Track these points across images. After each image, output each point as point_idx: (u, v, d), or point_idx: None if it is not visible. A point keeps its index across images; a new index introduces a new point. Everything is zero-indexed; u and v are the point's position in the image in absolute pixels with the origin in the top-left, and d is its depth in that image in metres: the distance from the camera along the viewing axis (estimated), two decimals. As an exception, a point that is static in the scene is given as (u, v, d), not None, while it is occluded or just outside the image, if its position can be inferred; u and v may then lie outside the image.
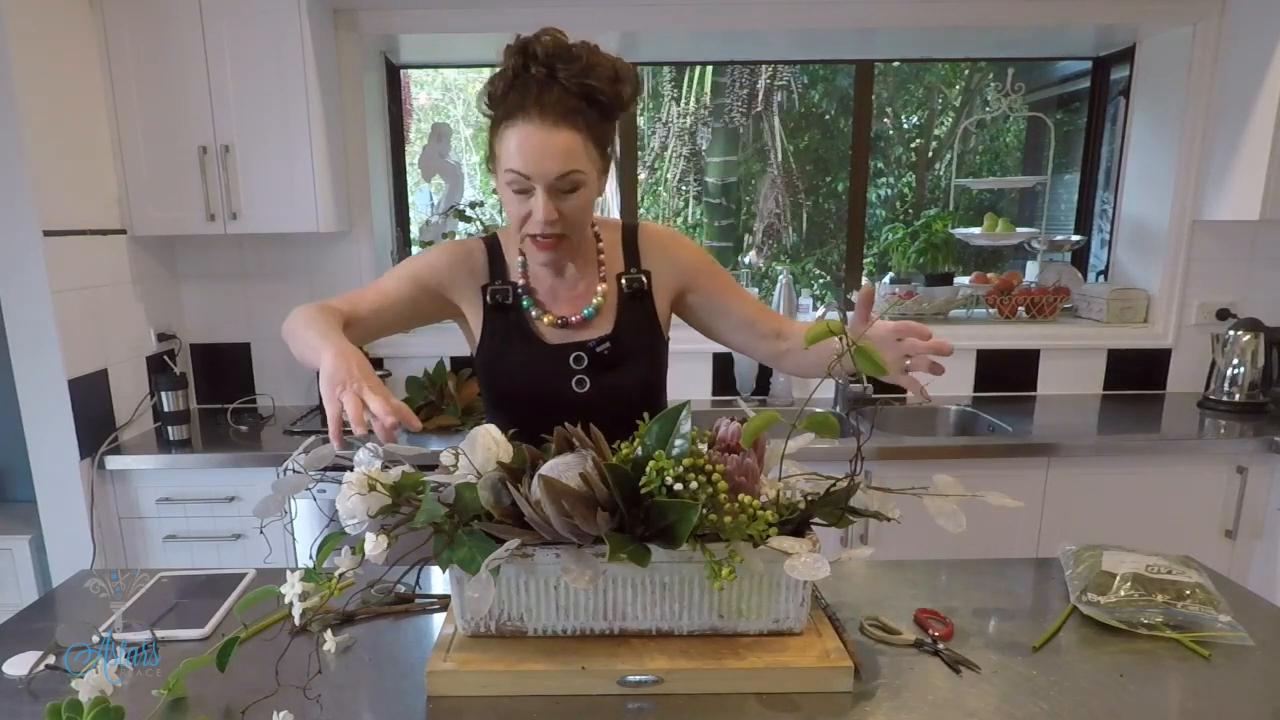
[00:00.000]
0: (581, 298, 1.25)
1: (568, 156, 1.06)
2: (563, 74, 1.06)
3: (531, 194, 1.09)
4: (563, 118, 1.06)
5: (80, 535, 2.07)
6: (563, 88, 1.06)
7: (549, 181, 1.07)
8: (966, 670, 0.96)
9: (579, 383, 1.22)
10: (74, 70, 2.06)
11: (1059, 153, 3.11)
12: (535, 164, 1.06)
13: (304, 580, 0.92)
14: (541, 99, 1.06)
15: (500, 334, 1.25)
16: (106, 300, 2.17)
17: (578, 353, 1.22)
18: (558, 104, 1.06)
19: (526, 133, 1.06)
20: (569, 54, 1.08)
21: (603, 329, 1.23)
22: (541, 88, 1.06)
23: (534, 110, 1.06)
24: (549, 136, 1.05)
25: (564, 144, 1.06)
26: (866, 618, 1.06)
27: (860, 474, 0.98)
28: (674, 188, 5.25)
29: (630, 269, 1.26)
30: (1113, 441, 2.21)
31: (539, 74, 1.07)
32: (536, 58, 1.07)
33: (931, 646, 1.00)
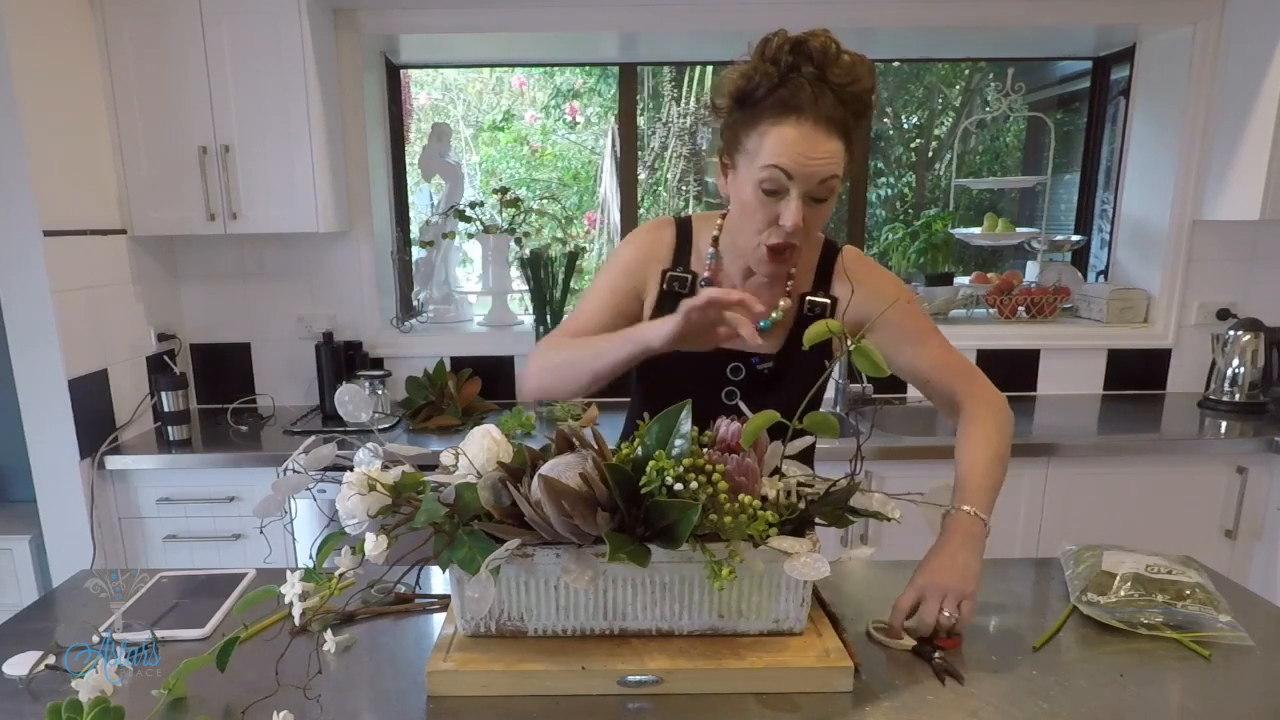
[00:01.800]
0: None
1: (834, 164, 1.04)
2: (834, 79, 1.02)
3: (784, 196, 1.04)
4: (835, 124, 1.03)
5: (80, 535, 2.07)
6: (835, 94, 1.02)
7: (810, 186, 1.04)
8: (966, 670, 0.96)
9: (729, 394, 1.19)
10: (74, 70, 2.06)
11: (1059, 153, 3.11)
12: (805, 167, 1.02)
13: (304, 580, 0.92)
14: (817, 101, 1.02)
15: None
16: (106, 300, 2.17)
17: (736, 364, 1.19)
18: (831, 109, 1.02)
19: (801, 133, 1.02)
20: (839, 59, 1.03)
21: (772, 346, 1.19)
22: (815, 90, 1.02)
23: (809, 112, 1.02)
24: (822, 141, 1.02)
25: (833, 150, 1.03)
26: (873, 622, 1.04)
27: (860, 474, 0.98)
28: (674, 188, 5.25)
29: (818, 291, 1.21)
30: (1113, 441, 2.21)
31: (810, 75, 1.02)
32: (811, 58, 1.03)
33: (930, 654, 0.98)
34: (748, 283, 1.20)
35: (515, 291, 2.75)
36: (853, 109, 1.04)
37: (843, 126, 1.04)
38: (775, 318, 1.19)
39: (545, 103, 5.75)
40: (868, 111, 1.07)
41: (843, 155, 1.05)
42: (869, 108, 1.07)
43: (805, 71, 1.03)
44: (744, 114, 1.07)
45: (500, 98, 5.82)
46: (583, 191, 5.80)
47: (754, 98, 1.05)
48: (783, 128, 1.03)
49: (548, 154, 5.86)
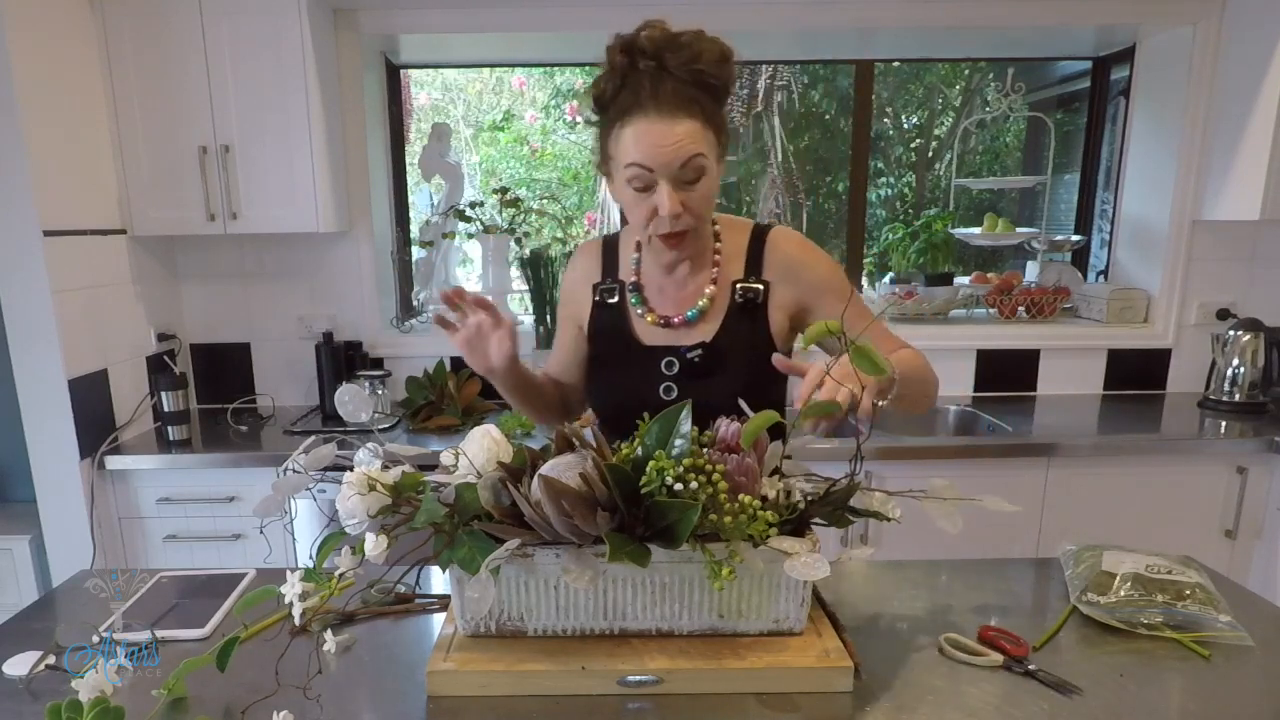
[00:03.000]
0: (688, 299, 1.21)
1: (690, 142, 1.04)
2: (672, 64, 1.04)
3: (654, 189, 1.07)
4: (680, 107, 1.04)
5: (80, 535, 2.07)
6: (675, 78, 1.04)
7: (672, 172, 1.05)
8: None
9: (667, 389, 1.19)
10: (74, 70, 2.06)
11: (1059, 153, 3.11)
12: (658, 156, 1.04)
13: (304, 580, 0.92)
14: (656, 93, 1.04)
15: (603, 332, 1.25)
16: (106, 300, 2.17)
17: (670, 358, 1.19)
18: (673, 95, 1.04)
19: (648, 125, 1.04)
20: (675, 43, 1.05)
21: (704, 335, 1.20)
22: (654, 81, 1.04)
23: (650, 105, 1.04)
24: (669, 127, 1.03)
25: (685, 131, 1.04)
26: (945, 637, 1.02)
27: (860, 474, 0.98)
28: (674, 188, 5.24)
29: (750, 276, 1.21)
30: (1113, 441, 2.21)
31: (648, 68, 1.05)
32: (644, 52, 1.05)
33: (1022, 668, 0.96)
34: (672, 275, 1.22)
35: (515, 291, 2.75)
36: (701, 85, 1.06)
37: (692, 106, 1.05)
38: (703, 306, 1.20)
39: (545, 103, 5.76)
40: (720, 84, 1.08)
41: (701, 132, 1.05)
42: (722, 79, 1.08)
43: (642, 66, 1.05)
44: (603, 121, 1.11)
45: (500, 98, 5.83)
46: (583, 191, 5.80)
47: (604, 104, 1.10)
48: (631, 125, 1.05)
49: (548, 154, 5.86)
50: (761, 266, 1.21)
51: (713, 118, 1.08)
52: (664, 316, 1.21)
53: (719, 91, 1.08)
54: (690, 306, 1.20)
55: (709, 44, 1.07)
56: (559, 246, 2.68)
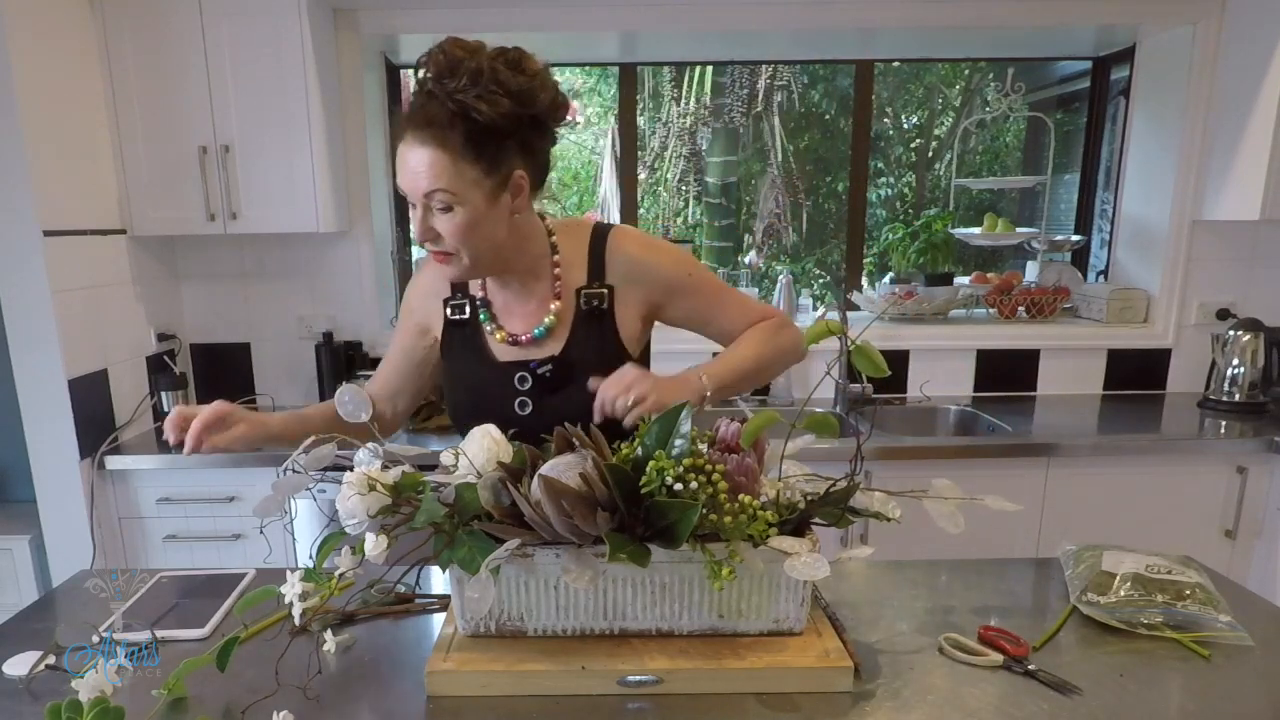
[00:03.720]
0: (534, 315, 1.20)
1: (431, 175, 1.02)
2: (448, 88, 1.01)
3: (415, 209, 1.08)
4: (430, 136, 1.02)
5: (80, 535, 2.07)
6: (439, 103, 1.01)
7: (419, 199, 1.05)
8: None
9: (521, 404, 1.18)
10: (74, 70, 2.06)
11: (1059, 153, 3.11)
12: (406, 181, 1.05)
13: (304, 580, 0.92)
14: (416, 115, 1.03)
15: (455, 348, 1.24)
16: (106, 300, 2.17)
17: (522, 373, 1.18)
18: (429, 121, 1.02)
19: (404, 149, 1.05)
20: (456, 69, 1.01)
21: (554, 349, 1.19)
22: (424, 104, 1.03)
23: (410, 128, 1.04)
24: (415, 154, 1.03)
25: (427, 161, 1.02)
26: (945, 637, 1.02)
27: (860, 474, 0.98)
28: (674, 188, 5.25)
29: (593, 282, 1.19)
30: (1113, 441, 2.21)
31: (431, 88, 1.02)
32: (430, 73, 1.03)
33: (1022, 668, 0.96)
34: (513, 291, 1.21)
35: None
36: (463, 115, 1.01)
37: (444, 136, 1.01)
38: (549, 322, 1.18)
39: (545, 103, 5.74)
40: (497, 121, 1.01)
41: (447, 167, 1.02)
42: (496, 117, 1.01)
43: (426, 85, 1.03)
44: None
45: (500, 98, 5.81)
46: (583, 191, 5.80)
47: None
48: (399, 145, 1.06)
49: (548, 154, 5.84)
50: (604, 270, 1.20)
51: (474, 152, 1.02)
52: (512, 334, 1.20)
53: (491, 126, 1.02)
54: (537, 323, 1.19)
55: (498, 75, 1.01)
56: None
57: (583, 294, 1.19)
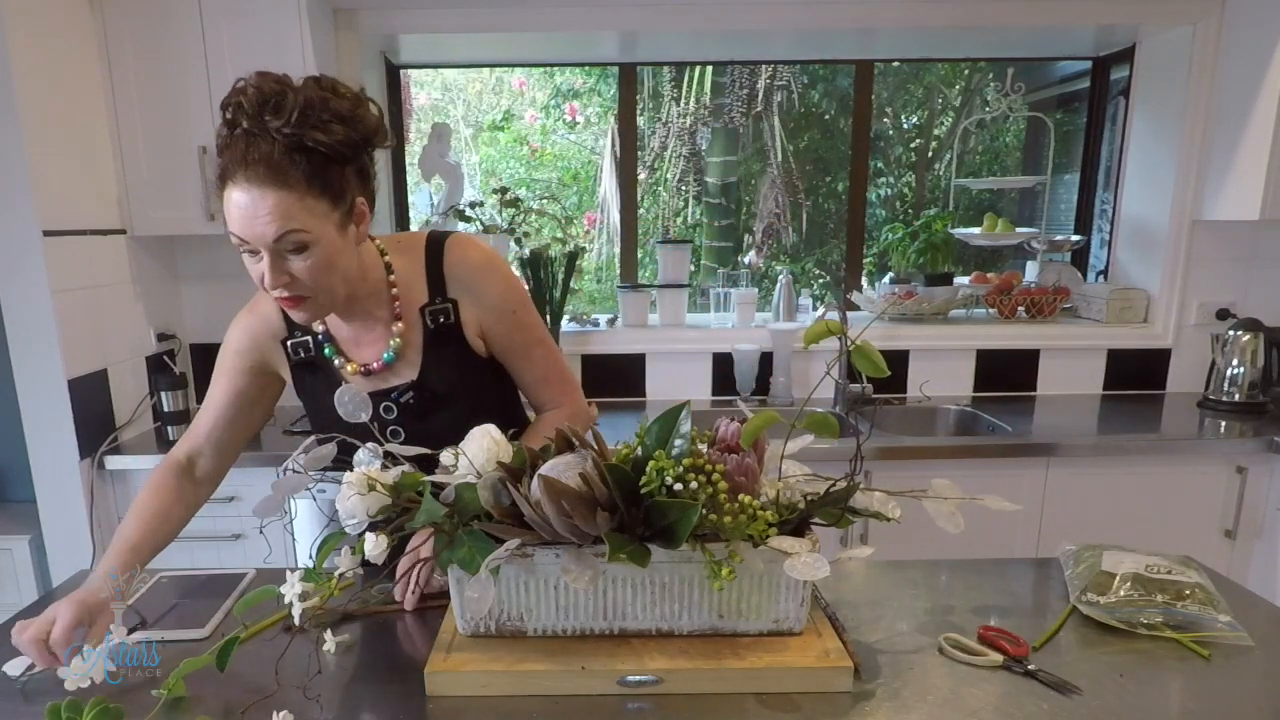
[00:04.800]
0: (380, 340, 1.16)
1: (280, 218, 0.97)
2: (272, 126, 0.96)
3: (259, 256, 1.00)
4: (270, 178, 0.96)
5: (80, 535, 2.07)
6: (268, 141, 0.96)
7: (268, 245, 0.98)
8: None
9: (394, 434, 1.15)
10: (74, 70, 2.06)
11: (1059, 153, 3.11)
12: (249, 229, 0.98)
13: (304, 580, 0.92)
14: (247, 159, 0.97)
15: (309, 389, 1.20)
16: (106, 300, 2.17)
17: (386, 403, 1.15)
18: (264, 162, 0.96)
19: (236, 197, 0.98)
20: (280, 102, 0.97)
21: (408, 374, 1.16)
22: (249, 145, 0.97)
23: (240, 172, 0.97)
24: (257, 198, 0.96)
25: (273, 206, 0.96)
26: (945, 637, 1.02)
27: (860, 474, 0.98)
28: (674, 188, 5.25)
29: (435, 299, 1.15)
30: (1113, 441, 2.21)
31: (251, 128, 0.97)
32: (243, 109, 0.98)
33: (1022, 668, 0.96)
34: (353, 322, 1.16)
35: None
36: (300, 150, 0.97)
37: (288, 175, 0.96)
38: (396, 345, 1.15)
39: (545, 103, 5.76)
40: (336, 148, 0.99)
41: (297, 204, 0.97)
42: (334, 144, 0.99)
43: (241, 126, 0.98)
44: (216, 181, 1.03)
45: (500, 98, 5.83)
46: (582, 191, 5.80)
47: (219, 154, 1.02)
48: (227, 191, 0.99)
49: (547, 154, 5.86)
50: (445, 283, 1.16)
51: (319, 183, 0.99)
52: (364, 365, 1.16)
53: (332, 155, 0.99)
54: (384, 349, 1.15)
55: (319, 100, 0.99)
56: (559, 246, 2.68)
57: (427, 312, 1.15)
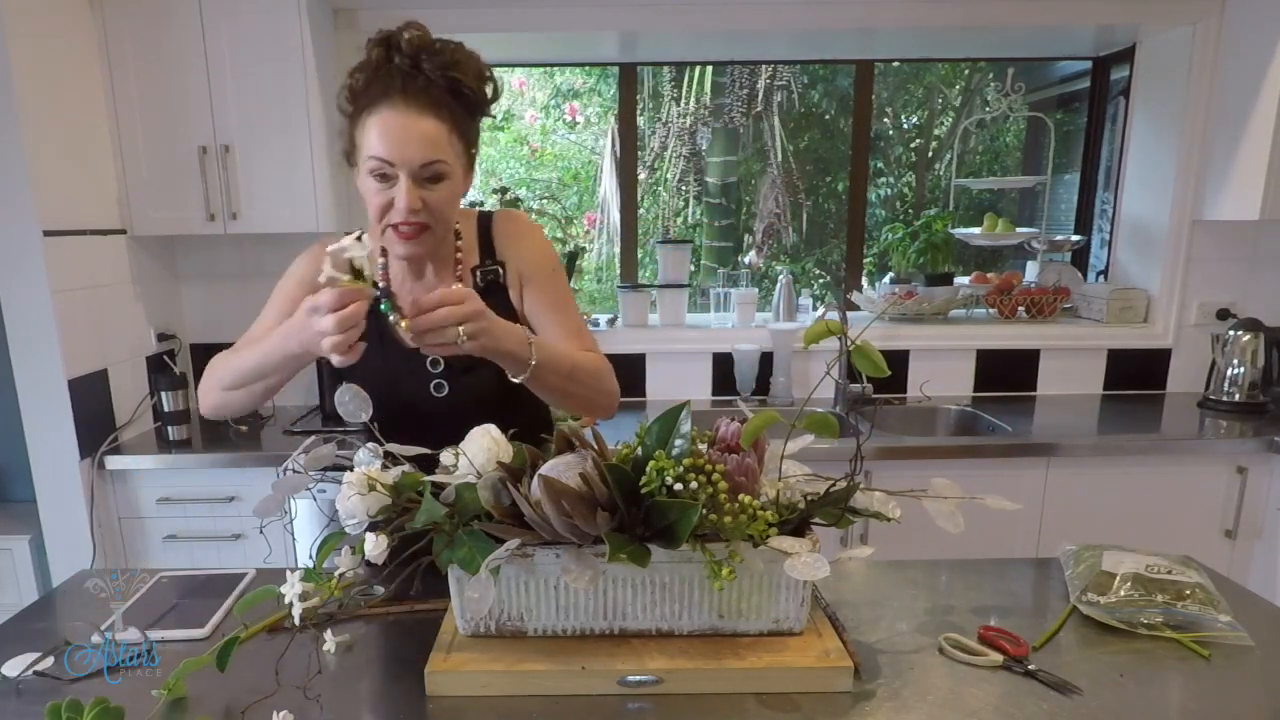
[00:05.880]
0: None
1: (432, 145, 1.05)
2: (427, 66, 1.06)
3: (393, 182, 1.07)
4: (428, 106, 1.05)
5: (80, 535, 2.07)
6: (427, 79, 1.06)
7: (413, 168, 1.06)
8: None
9: (437, 387, 1.20)
10: (74, 70, 2.06)
11: (1059, 153, 3.11)
12: (399, 150, 1.05)
13: (304, 580, 0.92)
14: (406, 88, 1.05)
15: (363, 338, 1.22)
16: (106, 300, 2.17)
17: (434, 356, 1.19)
18: (423, 93, 1.05)
19: (390, 118, 1.05)
20: (434, 48, 1.07)
21: None
22: (406, 78, 1.06)
23: (398, 98, 1.05)
24: (413, 122, 1.05)
25: (429, 131, 1.05)
26: (945, 637, 1.02)
27: (860, 474, 0.98)
28: (674, 188, 5.25)
29: (485, 260, 1.23)
30: (1113, 441, 2.21)
31: (403, 65, 1.06)
32: (401, 50, 1.06)
33: (1022, 668, 0.96)
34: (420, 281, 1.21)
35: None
36: (454, 92, 1.07)
37: (440, 107, 1.06)
38: None
39: (545, 103, 5.75)
40: (478, 98, 1.10)
41: (446, 137, 1.07)
42: (479, 94, 1.10)
43: (397, 61, 1.06)
44: (354, 111, 1.11)
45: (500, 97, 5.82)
46: (582, 191, 5.80)
47: (356, 93, 1.10)
48: (377, 115, 1.06)
49: (548, 154, 5.86)
50: (494, 249, 1.24)
51: (462, 126, 1.09)
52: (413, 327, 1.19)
53: (472, 103, 1.10)
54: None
55: (468, 56, 1.10)
56: (559, 246, 2.68)
57: (478, 272, 1.22)
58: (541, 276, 1.23)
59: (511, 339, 1.03)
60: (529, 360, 1.05)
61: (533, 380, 1.07)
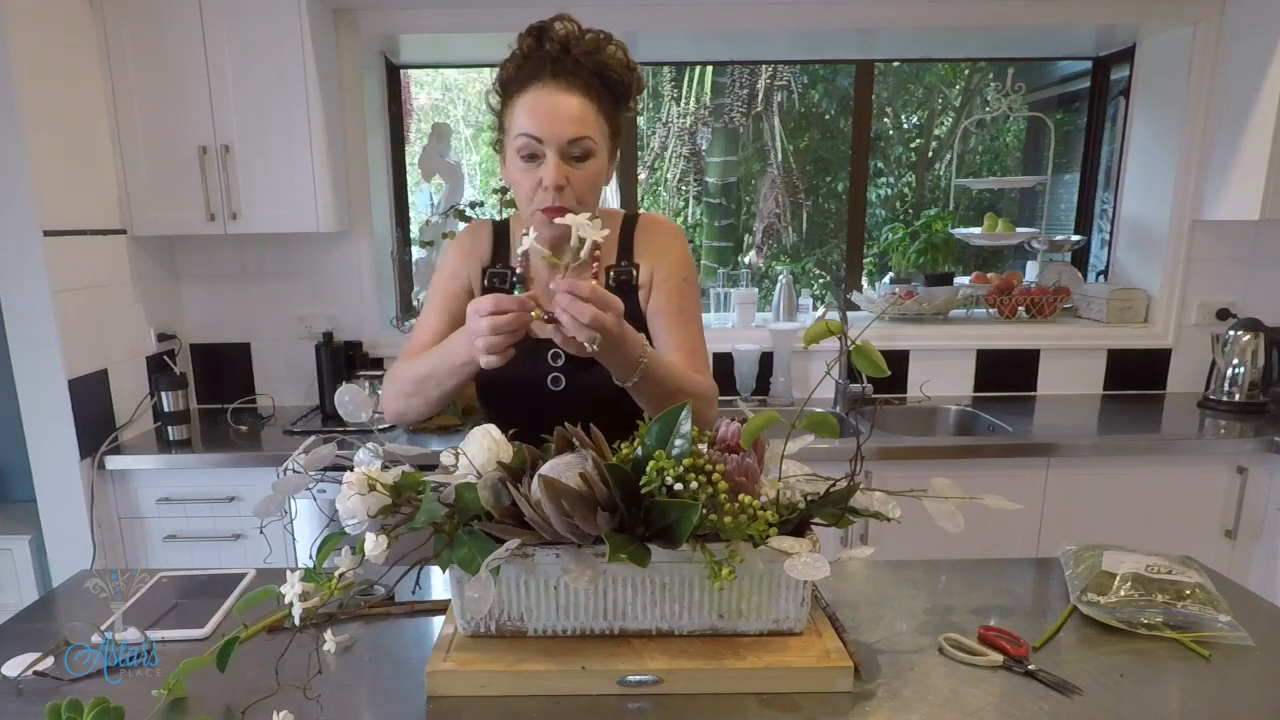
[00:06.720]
0: None
1: (580, 122, 1.08)
2: (576, 50, 1.10)
3: (541, 160, 1.09)
4: (576, 84, 1.09)
5: (80, 535, 2.07)
6: (576, 61, 1.10)
7: (560, 144, 1.08)
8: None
9: (554, 380, 1.21)
10: (74, 70, 2.06)
11: (1059, 153, 3.11)
12: (548, 126, 1.08)
13: (304, 580, 0.92)
14: (556, 68, 1.09)
15: None
16: (106, 300, 2.17)
17: (555, 350, 1.20)
18: (572, 73, 1.09)
19: (540, 95, 1.08)
20: (583, 37, 1.11)
21: None
22: (556, 62, 1.10)
23: (548, 77, 1.09)
24: (563, 99, 1.08)
25: (577, 108, 1.08)
26: (945, 637, 1.02)
27: (860, 474, 0.98)
28: (674, 188, 5.25)
29: (621, 261, 1.24)
30: (1113, 441, 2.21)
31: (553, 50, 1.10)
32: (552, 38, 1.10)
33: (1022, 668, 0.96)
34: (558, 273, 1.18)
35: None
36: (600, 74, 1.11)
37: (588, 88, 1.10)
38: None
39: (545, 103, 5.74)
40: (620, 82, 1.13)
41: (594, 117, 1.10)
42: (623, 81, 1.13)
43: (548, 48, 1.11)
44: (503, 97, 1.15)
45: (500, 98, 5.81)
46: (582, 191, 5.78)
47: (506, 81, 1.14)
48: (527, 95, 1.10)
49: (548, 154, 5.84)
50: (633, 250, 1.25)
51: (608, 110, 1.13)
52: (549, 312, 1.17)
53: (618, 90, 1.14)
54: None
55: (616, 47, 1.14)
56: (559, 246, 2.68)
57: (612, 271, 1.24)
58: (672, 284, 1.23)
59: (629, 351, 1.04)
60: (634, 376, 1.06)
61: (634, 390, 1.08)
